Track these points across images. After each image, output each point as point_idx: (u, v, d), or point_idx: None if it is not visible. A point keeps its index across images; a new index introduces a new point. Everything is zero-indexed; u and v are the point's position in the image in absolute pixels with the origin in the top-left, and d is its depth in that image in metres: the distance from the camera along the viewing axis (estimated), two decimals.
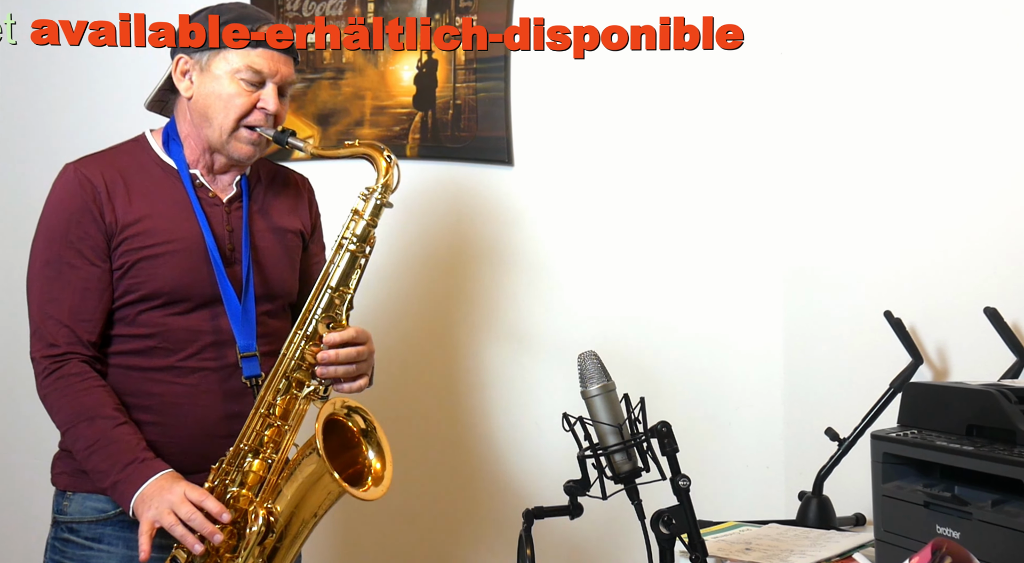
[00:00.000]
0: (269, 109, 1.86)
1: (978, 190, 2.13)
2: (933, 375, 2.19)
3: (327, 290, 1.86)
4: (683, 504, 1.52)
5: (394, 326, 2.78)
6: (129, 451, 1.76)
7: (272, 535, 1.79)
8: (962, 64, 2.17)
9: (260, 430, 1.82)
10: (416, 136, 2.78)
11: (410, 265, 2.80)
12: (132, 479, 1.74)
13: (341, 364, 1.84)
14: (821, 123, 2.58)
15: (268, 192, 2.00)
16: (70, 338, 1.80)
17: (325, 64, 2.80)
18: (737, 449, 2.71)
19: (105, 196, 1.82)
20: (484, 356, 2.80)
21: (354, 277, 1.87)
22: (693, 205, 2.74)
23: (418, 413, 2.80)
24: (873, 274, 2.38)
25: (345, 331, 1.84)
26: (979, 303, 1.98)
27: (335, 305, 1.86)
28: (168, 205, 1.87)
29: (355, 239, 1.86)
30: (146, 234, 1.83)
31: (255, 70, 1.84)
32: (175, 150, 1.91)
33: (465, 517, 2.81)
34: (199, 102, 1.87)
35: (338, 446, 1.83)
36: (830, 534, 2.06)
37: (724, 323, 2.73)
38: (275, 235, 1.97)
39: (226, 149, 1.87)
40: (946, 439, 1.59)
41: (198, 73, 1.87)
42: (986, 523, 1.48)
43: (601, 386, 1.57)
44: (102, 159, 1.89)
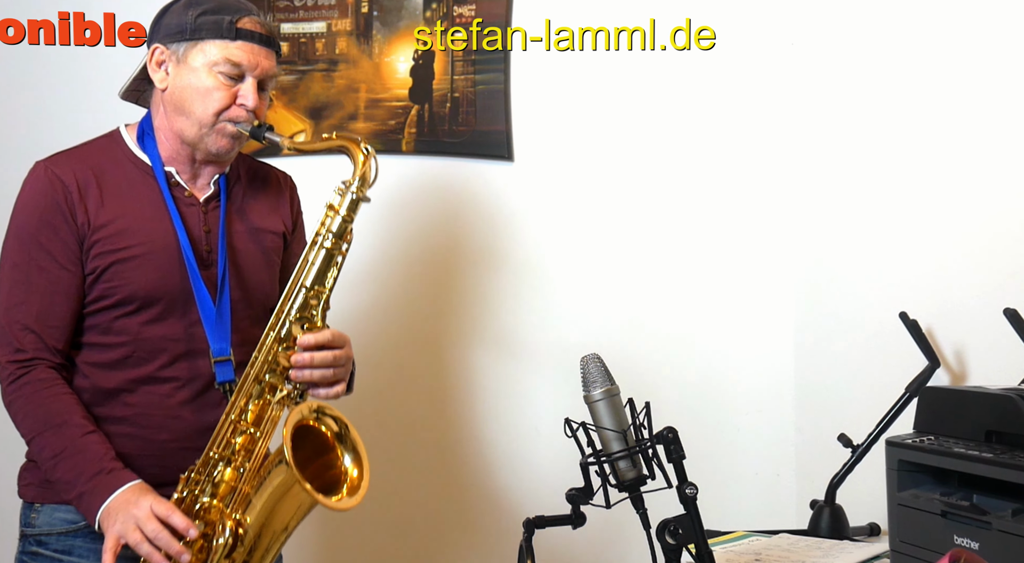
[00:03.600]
0: (248, 105, 1.83)
1: (997, 186, 2.12)
2: (950, 379, 2.18)
3: (301, 289, 1.82)
4: (690, 513, 1.52)
5: (389, 326, 2.78)
6: (96, 461, 1.74)
7: (241, 547, 1.75)
8: (983, 54, 2.16)
9: (231, 437, 1.79)
10: (412, 130, 2.78)
11: (407, 264, 2.80)
12: (98, 491, 1.72)
13: (316, 368, 1.80)
14: (834, 117, 2.57)
15: (248, 191, 1.97)
16: (37, 344, 1.79)
17: (318, 55, 2.79)
18: (746, 456, 2.71)
19: (77, 196, 1.80)
20: (483, 358, 2.80)
21: (330, 275, 1.84)
22: (700, 202, 2.74)
23: (414, 417, 2.80)
24: (888, 273, 2.37)
25: (321, 333, 1.81)
26: (998, 304, 1.97)
27: (310, 305, 1.82)
28: (142, 205, 1.84)
29: (331, 235, 1.82)
30: (119, 236, 1.81)
31: (234, 63, 1.81)
32: (150, 145, 1.88)
33: (463, 526, 2.81)
34: (175, 94, 1.84)
35: (311, 452, 1.79)
36: (843, 544, 2.05)
37: (732, 324, 2.73)
38: (254, 236, 1.95)
39: (203, 143, 1.85)
40: (964, 446, 1.59)
41: (174, 64, 1.84)
42: (1006, 533, 1.48)
43: (604, 390, 1.56)
44: (74, 157, 1.86)
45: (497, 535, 2.75)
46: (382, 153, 2.77)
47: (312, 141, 1.90)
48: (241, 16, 1.83)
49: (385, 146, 2.76)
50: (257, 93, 1.84)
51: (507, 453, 2.78)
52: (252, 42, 1.83)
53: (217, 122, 1.83)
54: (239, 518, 1.76)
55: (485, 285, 2.80)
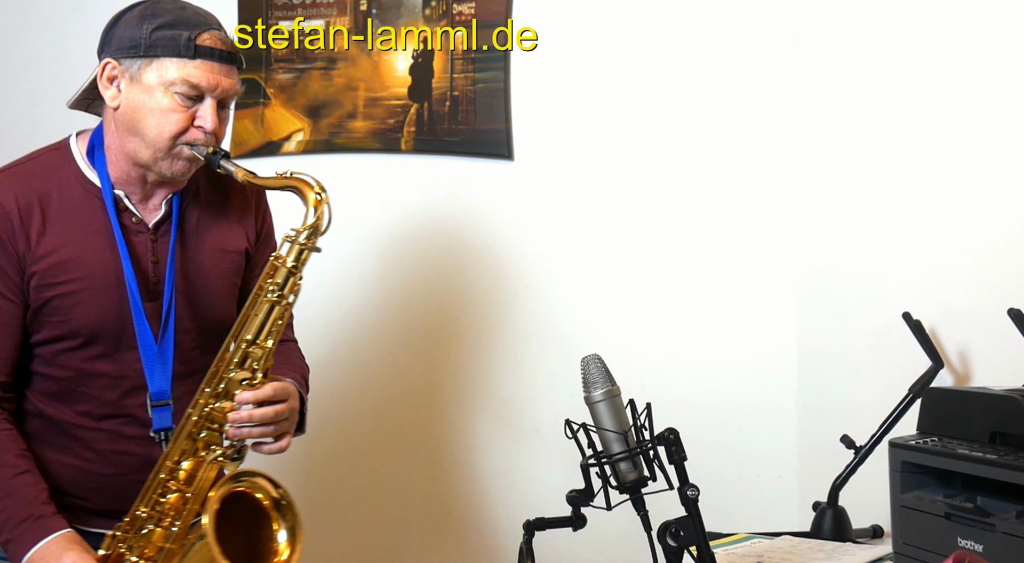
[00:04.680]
0: (207, 127, 1.72)
1: (1002, 186, 2.12)
2: (954, 380, 2.18)
3: (242, 343, 1.72)
4: (692, 515, 1.52)
5: (388, 326, 2.78)
6: (25, 506, 1.68)
7: None
8: (989, 53, 2.16)
9: (159, 496, 1.71)
10: (411, 129, 2.77)
11: (406, 264, 2.80)
12: (24, 539, 1.65)
13: (256, 425, 1.71)
14: (836, 116, 2.57)
15: (206, 208, 1.87)
16: None
17: (316, 54, 2.79)
18: (748, 457, 2.71)
19: (18, 223, 1.71)
20: (482, 359, 2.80)
21: (273, 329, 1.73)
22: (702, 202, 2.73)
23: (414, 418, 2.80)
24: (891, 273, 2.37)
25: (261, 389, 1.71)
26: (1003, 304, 1.97)
27: (251, 359, 1.72)
28: (86, 234, 1.75)
29: (276, 288, 1.72)
30: (59, 268, 1.73)
31: (192, 84, 1.70)
32: (99, 162, 1.78)
33: (462, 528, 2.80)
34: (127, 114, 1.73)
35: (243, 515, 1.70)
36: (846, 547, 2.05)
37: (734, 325, 2.73)
38: (210, 259, 1.86)
39: (157, 166, 1.75)
40: (968, 447, 1.59)
41: (127, 82, 1.72)
42: (1010, 535, 1.48)
43: (605, 391, 1.56)
44: (19, 177, 1.76)
45: (497, 537, 2.75)
46: (381, 152, 2.81)
47: (267, 178, 1.79)
48: (200, 32, 1.71)
49: (384, 145, 2.76)
50: (216, 114, 1.73)
51: (507, 454, 2.78)
52: (212, 60, 1.72)
53: (174, 146, 1.73)
54: None
55: (485, 285, 2.80)
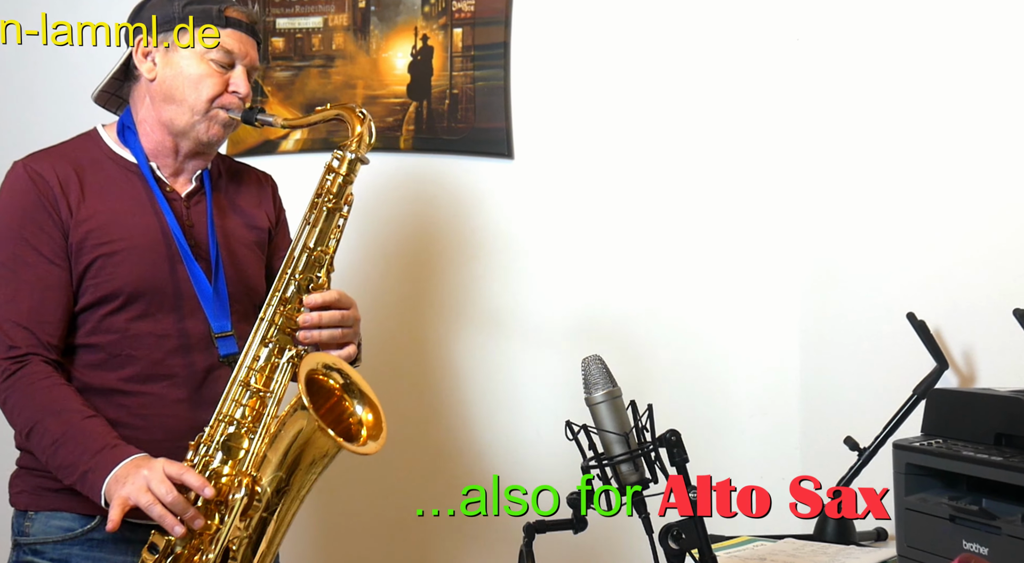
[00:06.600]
0: (241, 92, 1.87)
1: (1007, 185, 2.12)
2: (959, 381, 2.18)
3: (304, 250, 1.83)
4: (694, 517, 1.52)
5: (388, 325, 2.78)
6: (100, 438, 1.71)
7: (257, 505, 1.72)
8: (993, 52, 2.16)
9: (240, 400, 1.79)
10: (410, 127, 2.77)
11: (405, 263, 2.80)
12: (103, 465, 1.68)
13: (325, 328, 1.82)
14: (840, 114, 2.57)
15: (230, 187, 2.00)
16: (30, 340, 1.78)
17: (314, 51, 2.79)
18: (751, 459, 2.71)
19: (59, 191, 1.81)
20: (482, 358, 2.80)
21: (332, 237, 1.86)
22: (704, 201, 2.73)
23: (413, 419, 2.79)
24: (895, 273, 2.37)
25: (327, 293, 1.83)
26: (1008, 304, 1.97)
27: (313, 266, 1.84)
28: (124, 200, 1.86)
29: (331, 196, 1.85)
30: (101, 230, 1.81)
31: (226, 50, 1.85)
32: (131, 140, 1.89)
33: (461, 531, 2.80)
34: (164, 84, 1.86)
35: (322, 408, 1.78)
36: (850, 550, 2.05)
37: (737, 325, 2.73)
38: (240, 230, 1.97)
39: (195, 131, 1.87)
40: (973, 449, 1.59)
41: (162, 54, 1.85)
42: (1016, 538, 1.47)
43: (606, 392, 1.56)
44: (53, 154, 1.87)
45: (497, 539, 2.75)
46: (380, 151, 2.79)
47: (306, 117, 1.95)
48: (228, 5, 1.86)
49: (383, 144, 2.76)
50: (247, 80, 1.88)
51: (508, 456, 2.78)
52: (240, 31, 1.87)
53: (210, 109, 1.86)
54: (256, 475, 1.74)
55: (485, 284, 2.80)
